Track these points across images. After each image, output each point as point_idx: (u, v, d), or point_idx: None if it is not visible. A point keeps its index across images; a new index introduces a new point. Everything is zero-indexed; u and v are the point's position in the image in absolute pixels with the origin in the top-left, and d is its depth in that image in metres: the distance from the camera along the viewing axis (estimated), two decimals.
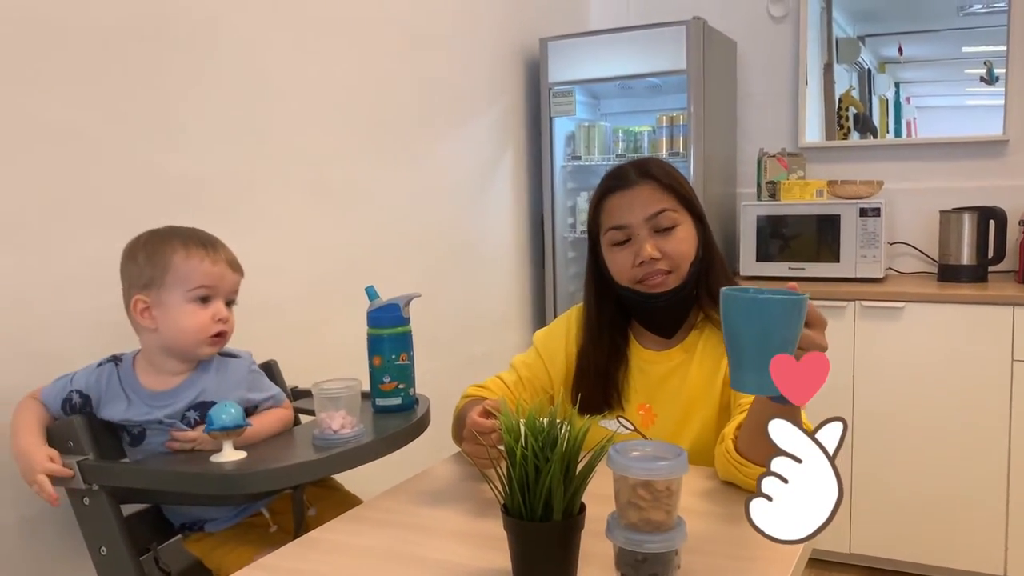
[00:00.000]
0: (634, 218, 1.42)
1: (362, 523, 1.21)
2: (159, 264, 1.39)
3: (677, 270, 1.43)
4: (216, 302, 1.43)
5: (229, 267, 1.45)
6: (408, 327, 1.59)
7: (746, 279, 3.02)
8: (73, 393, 1.45)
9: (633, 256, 1.42)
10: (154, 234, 1.44)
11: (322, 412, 1.39)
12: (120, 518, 1.40)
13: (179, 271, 1.39)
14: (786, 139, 3.34)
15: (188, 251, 1.40)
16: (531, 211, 3.29)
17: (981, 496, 2.65)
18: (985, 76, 3.08)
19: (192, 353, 1.43)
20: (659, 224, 1.42)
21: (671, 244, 1.42)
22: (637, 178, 1.45)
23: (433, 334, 2.42)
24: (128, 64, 1.70)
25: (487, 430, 1.18)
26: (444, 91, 2.75)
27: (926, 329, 2.69)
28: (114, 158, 1.68)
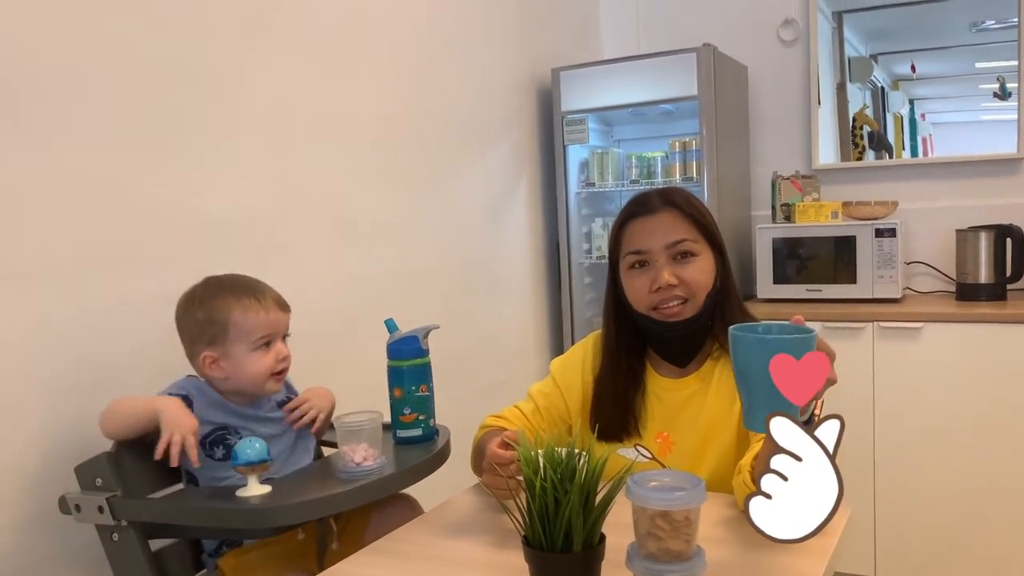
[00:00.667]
0: (654, 244, 1.44)
1: (384, 555, 1.23)
2: (219, 322, 1.51)
3: (693, 299, 1.44)
4: (276, 344, 1.56)
5: (280, 309, 1.57)
6: (427, 358, 1.61)
7: (763, 302, 3.02)
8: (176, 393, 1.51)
9: (650, 282, 1.43)
10: (206, 288, 1.55)
11: (344, 445, 1.42)
12: (148, 553, 1.42)
13: (240, 327, 1.51)
14: (800, 161, 3.35)
15: (243, 306, 1.51)
16: (547, 238, 3.32)
17: (1008, 520, 2.63)
18: (998, 91, 3.09)
19: (261, 392, 1.56)
20: (678, 251, 1.44)
21: (688, 272, 1.43)
22: (660, 205, 1.47)
23: (452, 363, 2.44)
24: (161, 111, 1.76)
25: (506, 461, 1.20)
26: (460, 123, 2.80)
27: (946, 349, 2.68)
28: (151, 202, 1.73)
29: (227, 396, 1.55)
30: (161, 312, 1.72)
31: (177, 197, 1.80)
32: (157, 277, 1.74)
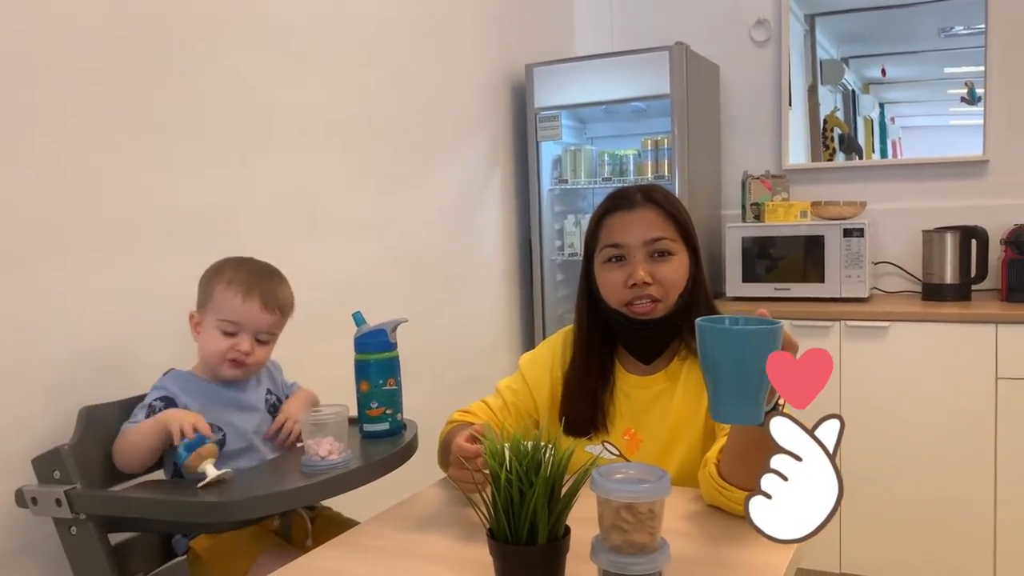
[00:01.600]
0: (632, 239, 1.44)
1: (350, 549, 1.21)
2: (207, 290, 1.56)
3: (666, 299, 1.44)
4: (241, 336, 1.55)
5: (264, 309, 1.55)
6: (395, 352, 1.60)
7: (732, 300, 3.04)
8: (156, 402, 1.50)
9: (625, 277, 1.43)
10: (227, 261, 1.60)
11: (309, 439, 1.40)
12: (108, 547, 1.40)
13: (216, 302, 1.54)
14: (770, 161, 3.38)
15: (228, 285, 1.54)
16: (519, 235, 3.31)
17: (969, 513, 2.67)
18: (966, 96, 3.13)
19: (215, 372, 1.57)
20: (655, 249, 1.44)
21: (664, 271, 1.43)
22: (641, 201, 1.47)
23: (422, 359, 2.43)
24: (122, 97, 1.72)
25: (472, 455, 1.19)
26: (432, 118, 2.78)
27: (911, 348, 2.72)
28: (105, 188, 1.69)
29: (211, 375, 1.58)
30: (122, 305, 1.70)
31: (141, 188, 1.77)
32: (119, 270, 1.71)
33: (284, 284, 1.62)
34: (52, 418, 1.52)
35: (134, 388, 1.62)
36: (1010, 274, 2.80)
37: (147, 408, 1.51)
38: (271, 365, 1.70)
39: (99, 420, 1.51)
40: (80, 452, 1.42)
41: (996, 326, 2.60)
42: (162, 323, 1.75)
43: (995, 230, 2.92)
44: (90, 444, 1.46)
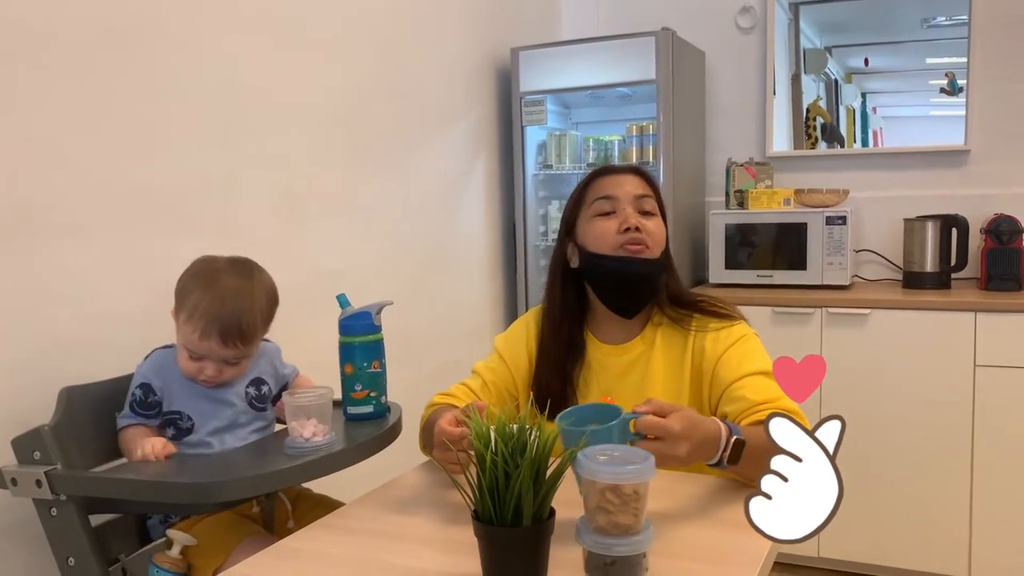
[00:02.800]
0: (623, 193, 1.51)
1: (334, 531, 1.21)
2: (177, 306, 1.50)
3: (653, 249, 1.50)
4: (206, 361, 1.49)
5: (220, 344, 1.46)
6: (380, 335, 1.59)
7: (715, 287, 3.05)
8: (136, 390, 1.50)
9: (618, 224, 1.48)
10: (206, 265, 1.52)
11: (293, 421, 1.40)
12: (88, 528, 1.39)
13: (180, 326, 1.49)
14: (754, 148, 3.39)
15: (189, 318, 1.46)
16: (503, 220, 3.30)
17: (946, 499, 2.70)
18: (947, 87, 3.15)
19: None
20: (643, 207, 1.51)
21: (651, 225, 1.51)
22: (627, 169, 1.58)
23: (406, 342, 2.43)
24: (101, 73, 1.70)
25: (456, 438, 1.19)
26: (416, 101, 2.76)
27: (891, 335, 2.74)
28: (85, 168, 1.67)
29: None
30: (103, 286, 1.68)
31: (122, 169, 1.74)
32: (101, 250, 1.69)
33: (252, 307, 1.49)
34: (32, 399, 1.51)
35: (115, 369, 1.61)
36: (989, 263, 2.83)
37: (130, 398, 1.51)
38: (269, 349, 1.65)
39: (80, 400, 1.49)
40: (60, 433, 1.41)
41: (975, 314, 2.63)
42: (143, 303, 1.73)
43: (975, 219, 2.95)
44: (71, 425, 1.45)
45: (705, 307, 1.53)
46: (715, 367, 1.45)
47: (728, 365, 1.43)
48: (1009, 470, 2.63)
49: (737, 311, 1.55)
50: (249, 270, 1.54)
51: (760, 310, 2.84)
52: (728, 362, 1.44)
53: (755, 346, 1.47)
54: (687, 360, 1.50)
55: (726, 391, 1.42)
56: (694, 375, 1.49)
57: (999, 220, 2.84)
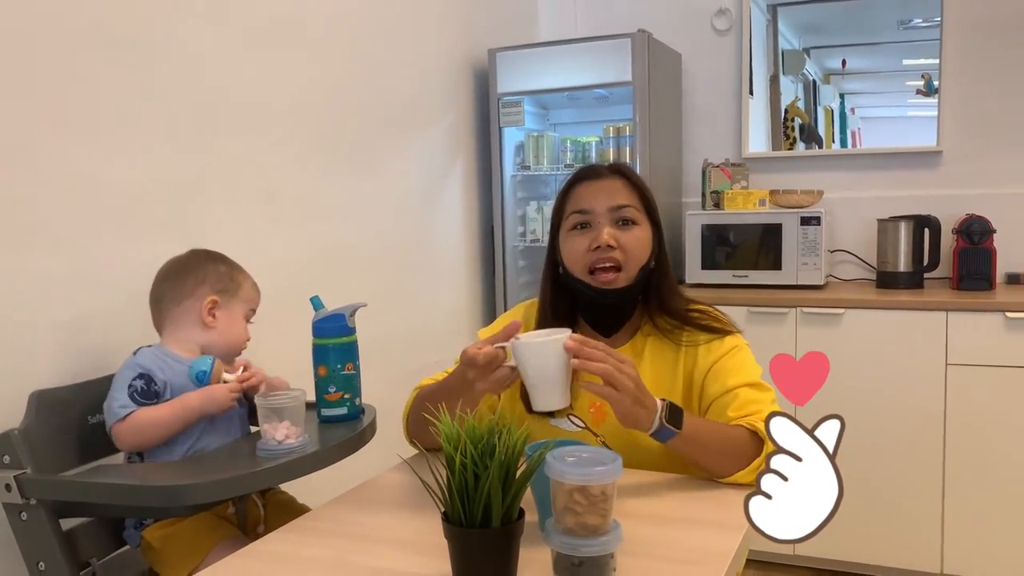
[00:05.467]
0: (598, 205, 1.47)
1: (306, 533, 1.21)
2: (236, 280, 1.65)
3: (627, 268, 1.46)
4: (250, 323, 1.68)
5: (256, 292, 1.72)
6: (354, 337, 1.59)
7: (692, 287, 3.07)
8: (136, 381, 1.48)
9: (589, 241, 1.45)
10: (219, 255, 1.68)
11: (266, 423, 1.40)
12: (59, 533, 1.38)
13: (247, 293, 1.66)
14: (730, 150, 3.41)
15: (250, 283, 1.69)
16: (481, 221, 3.31)
17: (918, 496, 2.73)
18: (923, 88, 3.19)
19: (233, 352, 1.65)
20: (620, 217, 1.47)
21: (627, 238, 1.46)
22: (608, 172, 1.52)
23: (383, 344, 2.43)
24: (69, 69, 1.68)
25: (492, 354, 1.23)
26: (393, 101, 2.76)
27: (864, 334, 2.77)
28: (54, 169, 1.65)
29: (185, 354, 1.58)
30: (74, 288, 1.67)
31: (95, 169, 1.73)
32: (71, 252, 1.68)
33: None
34: (1, 403, 1.49)
35: (86, 372, 1.60)
36: (961, 263, 2.87)
37: (128, 390, 1.48)
38: None
39: (50, 404, 1.48)
40: (30, 436, 1.40)
41: (947, 314, 2.66)
42: (114, 307, 1.72)
43: (947, 219, 2.98)
44: (41, 429, 1.44)
45: (697, 321, 1.50)
46: (704, 379, 1.45)
47: (717, 377, 1.42)
48: (980, 468, 2.66)
49: (731, 323, 1.52)
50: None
51: (736, 310, 2.86)
52: (717, 374, 1.43)
53: (745, 358, 1.46)
54: (678, 374, 1.48)
55: (713, 404, 1.42)
56: (685, 389, 1.48)
57: (970, 220, 2.88)
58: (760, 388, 1.41)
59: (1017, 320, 2.57)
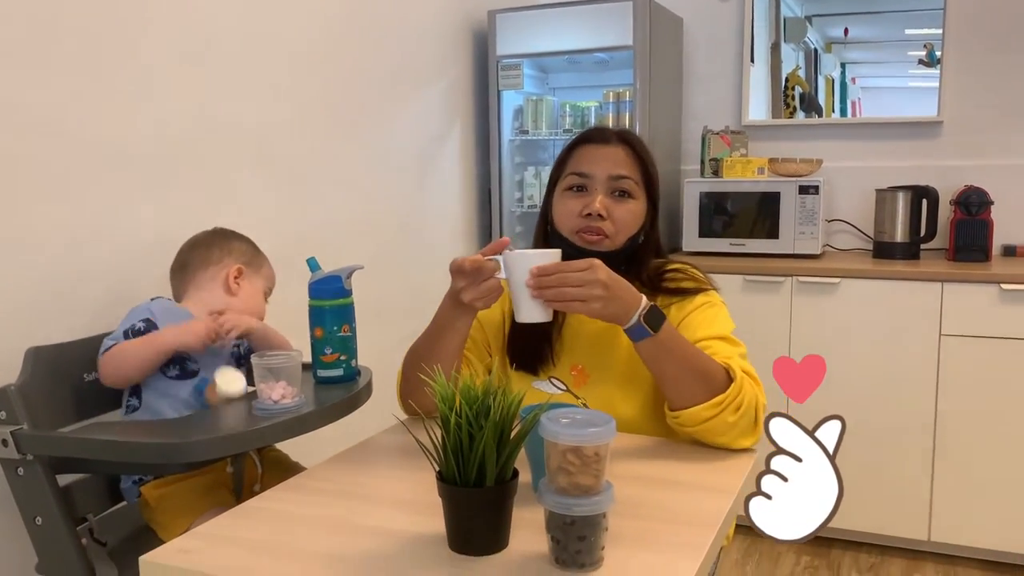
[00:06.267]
0: (599, 171, 1.46)
1: (301, 491, 1.22)
2: (260, 258, 1.76)
3: (614, 238, 1.46)
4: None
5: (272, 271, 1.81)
6: (350, 299, 1.59)
7: (688, 255, 3.07)
8: (139, 323, 1.52)
9: (582, 206, 1.45)
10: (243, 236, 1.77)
11: (262, 383, 1.40)
12: (56, 488, 1.39)
13: (267, 273, 1.77)
14: (730, 117, 3.39)
15: (269, 263, 1.79)
16: (478, 185, 3.29)
17: (909, 464, 2.76)
18: (925, 58, 3.16)
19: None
20: (617, 187, 1.46)
21: (620, 211, 1.46)
22: (615, 139, 1.50)
23: (378, 308, 2.42)
24: (58, 22, 1.66)
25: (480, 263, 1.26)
26: (391, 63, 2.74)
27: (859, 304, 2.78)
28: (53, 123, 1.64)
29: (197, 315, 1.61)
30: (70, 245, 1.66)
31: (89, 123, 1.72)
32: (67, 208, 1.67)
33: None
34: None
35: (84, 329, 1.60)
36: (957, 234, 2.87)
37: (127, 327, 1.52)
38: None
39: (47, 361, 1.49)
40: (27, 393, 1.41)
41: (942, 284, 2.67)
42: (110, 264, 1.72)
43: (946, 190, 2.98)
44: (38, 385, 1.44)
45: (668, 287, 1.49)
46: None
47: (686, 330, 1.41)
48: (970, 438, 2.68)
49: (706, 280, 1.52)
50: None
51: (732, 278, 2.87)
52: (687, 328, 1.42)
53: (717, 312, 1.46)
54: None
55: None
56: None
57: (968, 192, 2.88)
58: (730, 342, 1.42)
59: (1012, 292, 2.58)
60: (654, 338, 1.26)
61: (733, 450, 1.31)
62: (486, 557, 0.97)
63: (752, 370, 1.35)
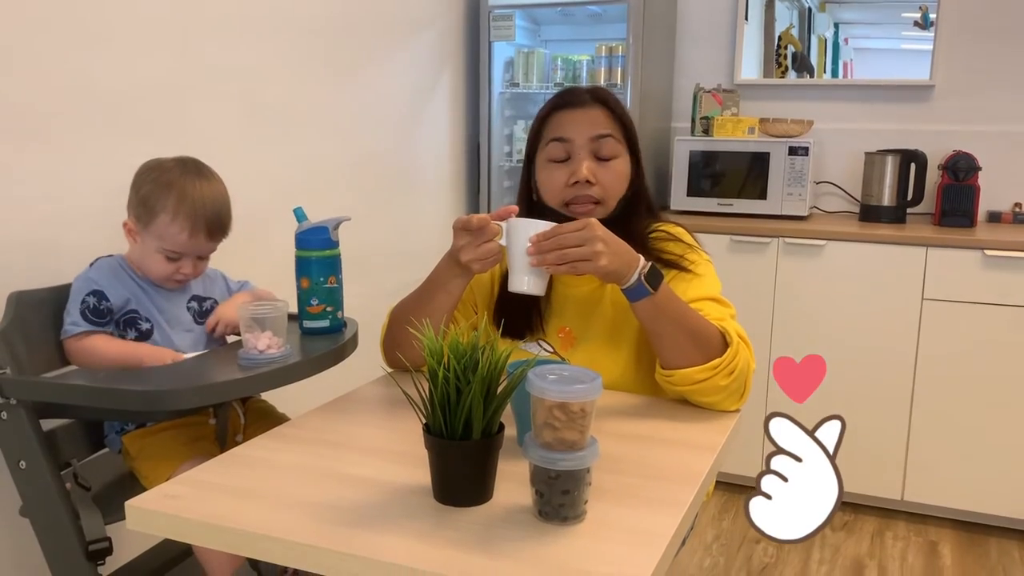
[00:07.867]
0: (579, 135, 1.44)
1: (286, 440, 1.23)
2: (150, 209, 1.50)
3: (605, 202, 1.45)
4: (183, 261, 1.55)
5: (208, 238, 1.55)
6: (337, 250, 1.58)
7: (676, 213, 3.07)
8: (88, 297, 1.48)
9: (568, 175, 1.43)
10: (170, 172, 1.52)
11: (248, 333, 1.40)
12: (39, 433, 1.39)
13: (159, 229, 1.50)
14: (723, 75, 3.36)
15: (174, 219, 1.49)
16: (467, 138, 3.26)
17: (885, 424, 2.80)
18: (919, 20, 3.14)
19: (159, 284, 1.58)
20: (600, 149, 1.44)
21: (607, 174, 1.44)
22: (589, 100, 1.47)
23: (364, 260, 2.42)
24: None
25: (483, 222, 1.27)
26: (381, 10, 2.69)
27: (844, 266, 2.79)
28: (35, 67, 1.60)
29: (142, 267, 1.56)
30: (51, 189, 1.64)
31: (73, 68, 1.68)
32: (49, 152, 1.64)
33: (226, 200, 1.58)
34: None
35: (67, 274, 1.58)
36: (944, 199, 2.88)
37: (80, 306, 1.48)
38: (216, 273, 1.70)
39: (30, 305, 1.48)
40: (10, 337, 1.40)
41: (926, 249, 2.68)
42: (93, 208, 1.70)
43: (935, 155, 2.98)
44: (20, 329, 1.43)
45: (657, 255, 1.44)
46: None
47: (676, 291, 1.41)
48: (946, 401, 2.73)
49: (694, 243, 1.50)
50: (205, 168, 1.58)
51: (719, 238, 2.87)
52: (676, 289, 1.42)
53: (705, 271, 1.45)
54: None
55: None
56: None
57: (957, 157, 2.88)
58: (720, 302, 1.42)
59: (995, 258, 2.60)
60: (652, 298, 1.26)
61: (718, 411, 1.32)
62: (470, 508, 0.98)
63: (744, 332, 1.35)
